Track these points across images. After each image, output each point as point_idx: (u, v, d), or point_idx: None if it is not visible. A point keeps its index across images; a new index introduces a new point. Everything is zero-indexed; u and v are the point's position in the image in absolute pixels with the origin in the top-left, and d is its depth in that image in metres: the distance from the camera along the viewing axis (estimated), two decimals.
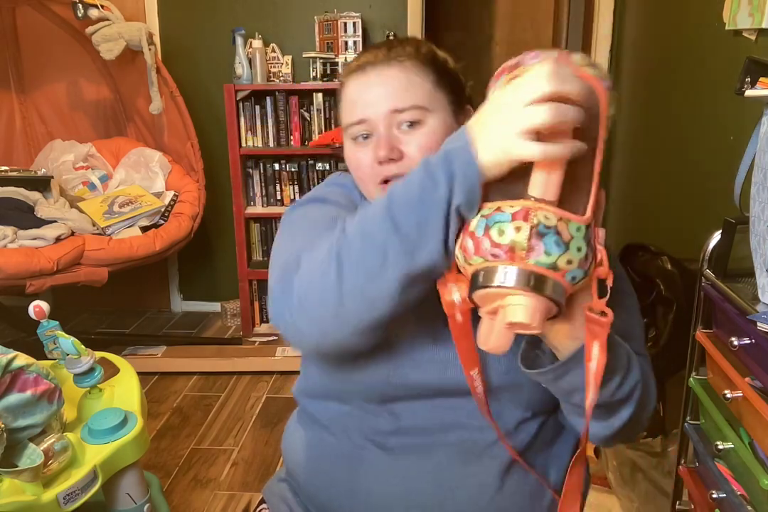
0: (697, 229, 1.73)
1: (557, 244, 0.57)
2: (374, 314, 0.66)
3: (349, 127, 0.84)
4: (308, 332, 0.70)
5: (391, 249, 0.62)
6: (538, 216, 0.57)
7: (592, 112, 0.59)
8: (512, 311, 0.58)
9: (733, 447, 1.06)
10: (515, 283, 0.57)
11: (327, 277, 0.65)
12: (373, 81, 0.82)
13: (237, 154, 2.85)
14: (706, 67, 1.85)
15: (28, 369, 0.93)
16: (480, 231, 0.59)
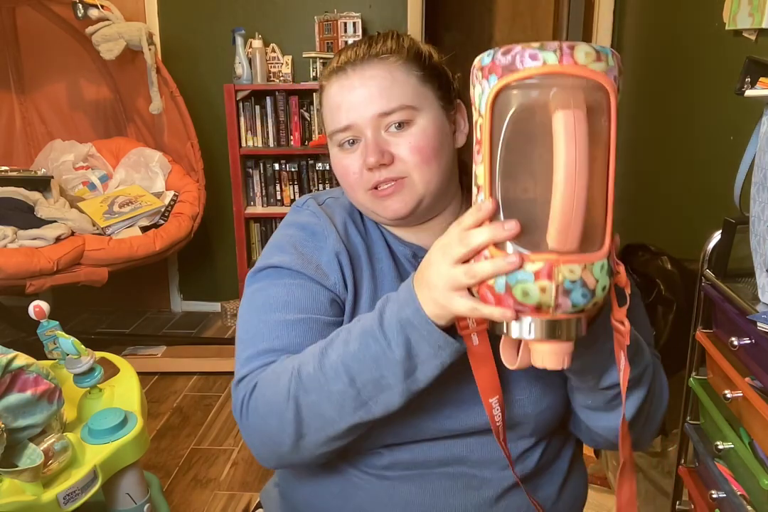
0: (697, 229, 1.73)
1: (584, 296, 0.54)
2: (333, 445, 0.71)
3: (335, 133, 0.79)
4: (266, 457, 0.76)
5: (348, 401, 0.66)
6: (562, 272, 0.53)
7: (599, 111, 0.54)
8: (540, 358, 0.58)
9: (733, 447, 1.06)
10: (542, 336, 0.56)
11: (285, 422, 0.69)
12: (355, 82, 0.77)
13: (237, 154, 2.85)
14: (706, 67, 1.85)
15: (28, 369, 0.93)
16: (500, 288, 0.55)
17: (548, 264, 0.53)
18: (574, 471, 0.89)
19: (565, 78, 0.52)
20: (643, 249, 1.70)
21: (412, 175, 0.77)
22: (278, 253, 0.82)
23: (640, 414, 0.75)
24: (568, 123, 0.50)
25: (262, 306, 0.79)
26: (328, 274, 0.80)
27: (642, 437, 0.82)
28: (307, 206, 0.86)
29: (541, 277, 0.53)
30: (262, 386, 0.72)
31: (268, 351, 0.75)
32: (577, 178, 0.51)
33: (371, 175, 0.77)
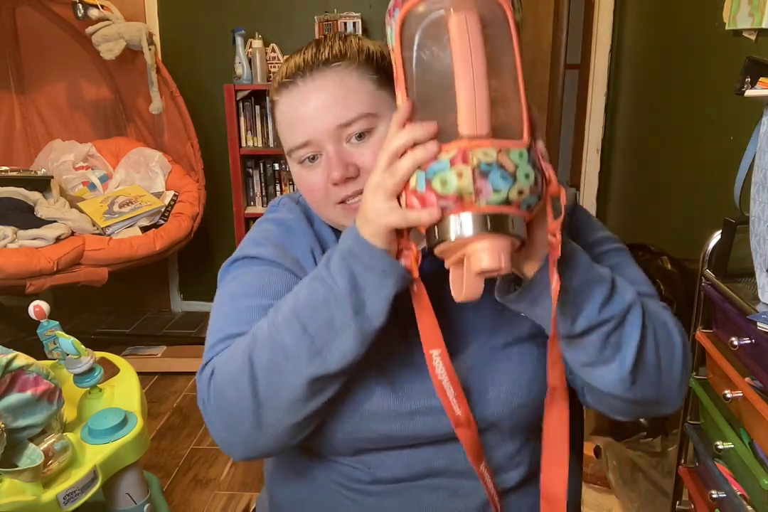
0: (697, 229, 1.73)
1: (504, 178, 0.54)
2: (292, 418, 0.68)
3: (293, 151, 0.75)
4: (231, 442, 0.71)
5: (302, 351, 0.64)
6: (476, 155, 0.54)
7: (497, 23, 0.56)
8: (477, 259, 0.55)
9: (733, 447, 1.06)
10: (473, 231, 0.55)
11: (241, 389, 0.66)
12: (307, 95, 0.73)
13: (237, 154, 2.85)
14: (706, 67, 1.85)
15: (28, 369, 0.93)
16: (421, 186, 0.56)
17: (461, 149, 0.54)
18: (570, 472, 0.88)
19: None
20: (643, 249, 1.70)
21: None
22: (254, 246, 0.81)
23: (641, 360, 0.67)
24: (460, 20, 0.54)
25: (235, 293, 0.78)
26: (304, 267, 0.79)
27: (668, 391, 0.71)
28: (282, 205, 0.85)
29: (457, 163, 0.54)
30: (221, 361, 0.70)
31: (236, 334, 0.72)
32: (474, 61, 0.54)
33: (338, 189, 0.73)
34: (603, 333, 0.65)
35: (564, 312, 0.64)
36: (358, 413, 0.75)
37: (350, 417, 0.75)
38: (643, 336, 0.66)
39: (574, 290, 0.64)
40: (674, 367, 0.70)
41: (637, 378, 0.68)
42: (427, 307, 0.63)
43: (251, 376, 0.66)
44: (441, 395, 0.66)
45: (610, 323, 0.65)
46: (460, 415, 0.67)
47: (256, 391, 0.66)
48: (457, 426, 0.68)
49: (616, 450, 1.80)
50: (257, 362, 0.66)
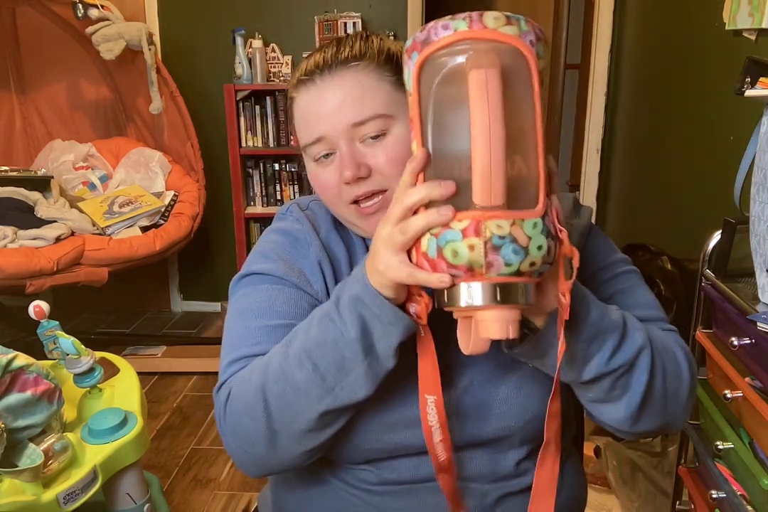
0: (697, 229, 1.73)
1: (516, 253, 0.53)
2: (305, 446, 0.70)
3: (308, 147, 0.75)
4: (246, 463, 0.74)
5: (313, 388, 0.66)
6: (489, 227, 0.53)
7: (520, 76, 0.54)
8: (485, 328, 0.56)
9: (733, 447, 1.06)
10: (483, 301, 0.55)
11: (256, 418, 0.68)
12: (324, 93, 0.73)
13: (237, 154, 2.85)
14: (706, 67, 1.85)
15: (28, 369, 0.93)
16: (432, 252, 0.55)
17: (474, 220, 0.53)
18: (572, 476, 0.88)
19: (477, 42, 0.54)
20: (643, 249, 1.70)
21: (393, 188, 0.71)
22: (262, 260, 0.81)
23: (649, 399, 0.69)
24: (480, 80, 0.52)
25: (245, 312, 0.79)
26: (311, 281, 0.79)
27: (673, 417, 0.73)
28: (290, 213, 0.84)
29: (469, 235, 0.53)
30: (236, 386, 0.72)
31: (248, 356, 0.75)
32: (492, 130, 0.52)
33: (350, 188, 0.74)
34: (611, 379, 0.67)
35: (573, 362, 0.66)
36: (370, 424, 0.75)
37: (362, 429, 0.75)
38: (651, 377, 0.69)
39: (584, 341, 0.65)
40: (680, 394, 0.72)
41: (643, 414, 0.70)
42: (431, 353, 0.63)
43: (265, 408, 0.68)
44: (427, 440, 0.66)
45: (618, 371, 0.67)
46: (444, 461, 0.67)
47: (270, 422, 0.68)
48: (439, 471, 0.68)
49: (616, 450, 1.80)
50: (270, 396, 0.68)
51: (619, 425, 0.72)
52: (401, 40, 1.96)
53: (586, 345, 0.65)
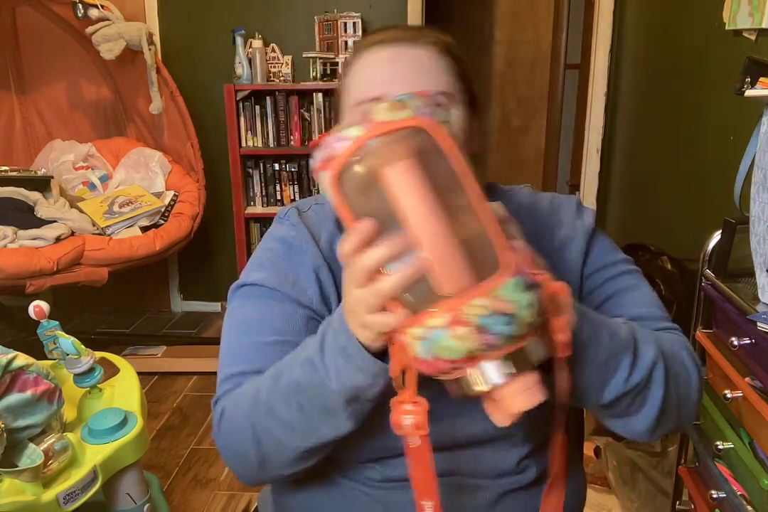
0: (697, 229, 1.73)
1: (507, 323, 0.51)
2: (299, 466, 0.72)
3: (362, 103, 0.74)
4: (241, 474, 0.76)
5: (299, 426, 0.67)
6: (470, 313, 0.50)
7: (432, 154, 0.52)
8: (513, 404, 0.54)
9: (733, 447, 1.06)
10: (500, 379, 0.53)
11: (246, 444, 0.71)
12: (395, 57, 0.74)
13: (237, 154, 2.85)
14: (706, 67, 1.85)
15: (28, 369, 0.93)
16: (426, 354, 0.53)
17: (451, 311, 0.51)
18: (572, 475, 0.88)
19: (377, 140, 0.52)
20: (643, 249, 1.70)
21: None
22: (257, 270, 0.82)
23: (665, 409, 0.70)
24: (395, 177, 0.51)
25: (239, 326, 0.80)
26: (305, 289, 0.78)
27: (685, 419, 0.76)
28: (288, 217, 0.84)
29: (453, 327, 0.51)
30: (229, 409, 0.74)
31: (241, 374, 0.76)
32: (429, 221, 0.51)
33: None
34: (630, 397, 0.68)
35: (592, 386, 0.66)
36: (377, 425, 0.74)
37: (367, 430, 0.75)
38: (666, 388, 0.70)
39: (600, 366, 0.65)
40: (691, 397, 0.74)
41: (660, 424, 0.71)
42: (425, 463, 0.61)
43: (254, 438, 0.70)
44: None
45: (637, 388, 0.68)
46: None
47: (259, 450, 0.71)
48: None
49: (616, 450, 1.80)
50: (259, 428, 0.70)
51: (639, 437, 0.74)
52: None
53: (602, 369, 0.65)
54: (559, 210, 0.85)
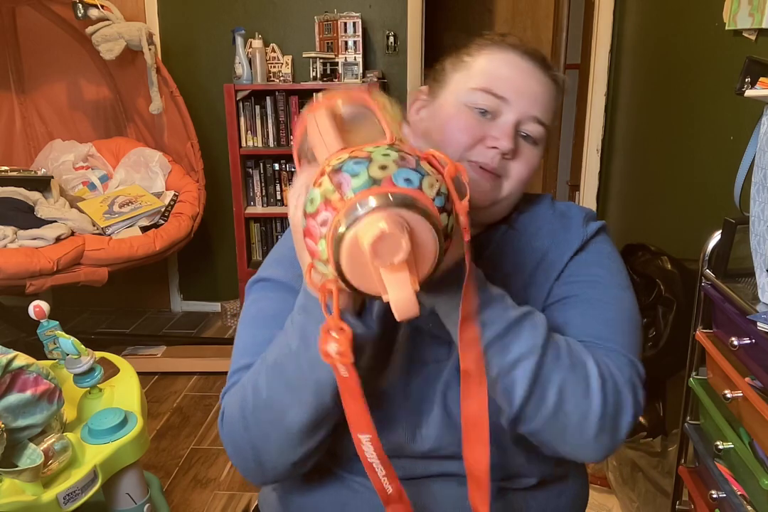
0: (697, 229, 1.73)
1: (356, 163, 0.50)
2: (288, 459, 0.71)
3: (483, 92, 0.76)
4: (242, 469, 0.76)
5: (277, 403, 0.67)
6: (331, 163, 0.52)
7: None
8: (363, 233, 0.48)
9: (733, 447, 1.06)
10: (347, 221, 0.49)
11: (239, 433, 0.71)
12: (532, 74, 0.77)
13: (237, 154, 2.85)
14: (706, 67, 1.85)
15: (28, 369, 0.93)
16: (304, 221, 0.52)
17: (320, 167, 0.53)
18: (574, 474, 0.88)
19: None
20: (643, 249, 1.70)
21: (507, 182, 0.77)
22: (274, 265, 0.83)
23: (528, 420, 0.66)
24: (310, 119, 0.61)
25: (253, 320, 0.81)
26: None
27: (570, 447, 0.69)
28: None
29: (318, 178, 0.52)
30: (227, 402, 0.75)
31: (247, 367, 0.76)
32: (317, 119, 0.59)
33: (484, 153, 0.75)
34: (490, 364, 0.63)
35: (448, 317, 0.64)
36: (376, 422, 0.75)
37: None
38: (529, 394, 0.64)
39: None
40: (585, 426, 0.66)
41: (527, 425, 0.67)
42: (356, 394, 0.58)
43: (244, 424, 0.70)
44: (371, 475, 0.63)
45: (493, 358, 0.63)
46: (392, 493, 0.65)
47: (250, 437, 0.71)
48: (388, 503, 0.65)
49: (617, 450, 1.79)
50: (246, 411, 0.70)
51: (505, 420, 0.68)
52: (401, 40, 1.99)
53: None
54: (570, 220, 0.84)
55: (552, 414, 0.65)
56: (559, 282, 0.79)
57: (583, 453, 0.69)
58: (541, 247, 0.80)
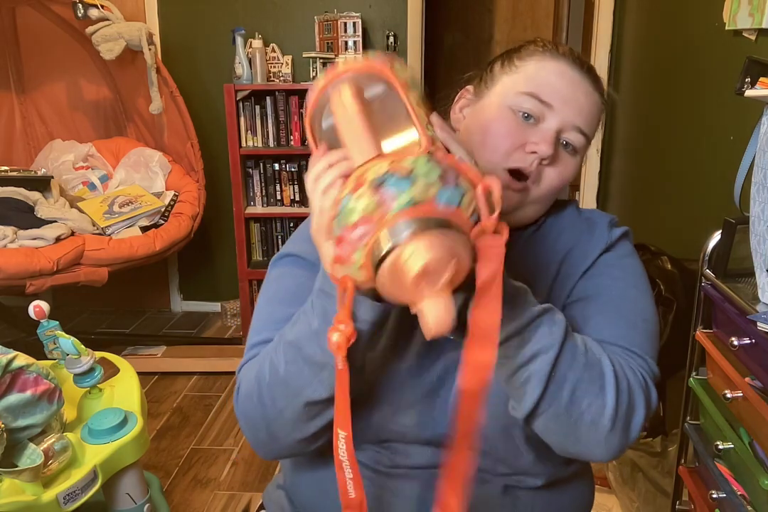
0: (697, 229, 1.73)
1: (399, 180, 0.50)
2: (299, 434, 0.72)
3: (531, 97, 0.76)
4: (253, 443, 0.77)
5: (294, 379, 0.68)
6: (367, 174, 0.51)
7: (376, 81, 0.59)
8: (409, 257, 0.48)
9: (733, 447, 1.06)
10: (389, 242, 0.49)
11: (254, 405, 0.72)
12: (579, 85, 0.78)
13: (237, 154, 2.85)
14: (706, 67, 1.85)
15: (28, 369, 0.93)
16: (337, 229, 0.52)
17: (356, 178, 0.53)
18: (579, 475, 0.88)
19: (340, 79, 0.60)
20: (643, 249, 1.70)
21: (537, 190, 0.77)
22: (299, 241, 0.83)
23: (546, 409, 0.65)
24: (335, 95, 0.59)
25: (273, 296, 0.82)
26: None
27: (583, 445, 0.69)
28: None
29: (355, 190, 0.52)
30: (243, 376, 0.76)
31: (264, 342, 0.77)
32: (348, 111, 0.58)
33: (523, 158, 0.75)
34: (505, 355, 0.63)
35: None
36: (383, 403, 0.76)
37: (378, 408, 0.76)
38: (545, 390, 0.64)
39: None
40: (598, 425, 0.66)
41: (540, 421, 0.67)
42: (344, 388, 0.59)
43: (258, 397, 0.71)
44: (339, 475, 0.63)
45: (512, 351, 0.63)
46: (354, 498, 0.64)
47: (264, 411, 0.71)
48: (348, 507, 0.64)
49: None
50: (263, 385, 0.71)
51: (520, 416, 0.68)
52: (401, 40, 2.01)
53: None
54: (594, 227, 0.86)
55: (565, 412, 0.65)
56: (580, 282, 0.80)
57: (594, 453, 0.69)
58: (565, 248, 0.82)
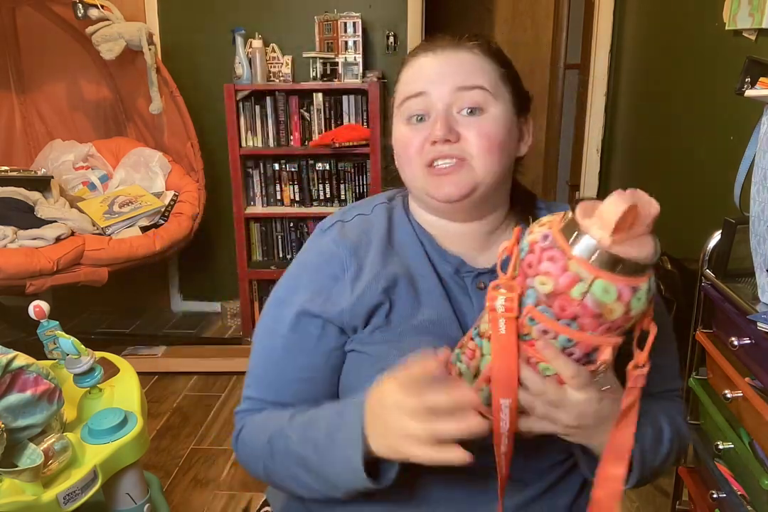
0: (697, 229, 1.73)
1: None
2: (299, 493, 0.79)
3: (406, 100, 0.79)
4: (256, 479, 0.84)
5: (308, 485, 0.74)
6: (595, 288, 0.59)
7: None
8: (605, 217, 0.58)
9: (733, 447, 1.06)
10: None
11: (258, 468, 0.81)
12: (441, 60, 0.79)
13: (237, 154, 2.85)
14: (706, 67, 1.85)
15: (28, 369, 0.93)
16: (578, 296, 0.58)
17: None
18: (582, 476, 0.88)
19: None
20: None
21: (474, 159, 0.77)
22: (294, 289, 0.83)
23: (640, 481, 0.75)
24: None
25: (270, 352, 0.83)
26: (337, 302, 0.79)
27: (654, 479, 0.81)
28: (330, 231, 0.84)
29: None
30: (247, 433, 0.81)
31: (262, 400, 0.83)
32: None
33: (433, 149, 0.77)
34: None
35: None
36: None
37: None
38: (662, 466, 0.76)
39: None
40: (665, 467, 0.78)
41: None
42: (509, 353, 0.59)
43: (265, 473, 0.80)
44: (497, 450, 0.65)
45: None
46: (505, 473, 0.68)
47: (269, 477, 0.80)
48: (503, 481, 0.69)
49: None
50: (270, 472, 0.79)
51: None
52: (401, 40, 2.01)
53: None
54: None
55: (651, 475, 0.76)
56: None
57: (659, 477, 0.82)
58: None
